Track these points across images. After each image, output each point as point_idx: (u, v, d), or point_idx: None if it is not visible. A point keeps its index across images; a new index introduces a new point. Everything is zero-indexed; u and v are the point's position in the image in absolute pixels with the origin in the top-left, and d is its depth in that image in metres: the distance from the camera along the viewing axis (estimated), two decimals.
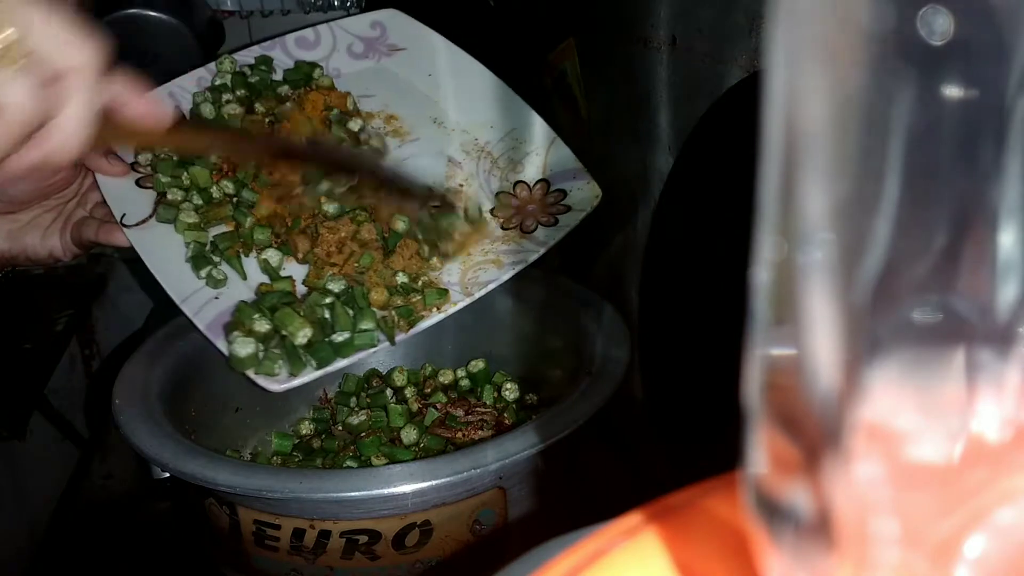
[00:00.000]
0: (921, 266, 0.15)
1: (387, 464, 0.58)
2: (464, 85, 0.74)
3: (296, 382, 0.56)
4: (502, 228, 0.68)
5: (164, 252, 0.62)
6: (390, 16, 0.76)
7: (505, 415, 0.66)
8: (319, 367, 0.57)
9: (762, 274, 0.16)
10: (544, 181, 0.70)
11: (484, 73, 0.73)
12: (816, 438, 0.15)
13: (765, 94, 0.15)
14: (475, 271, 0.65)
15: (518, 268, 0.64)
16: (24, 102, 0.42)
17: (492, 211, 0.69)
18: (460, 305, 0.62)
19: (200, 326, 0.59)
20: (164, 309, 0.63)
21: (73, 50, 0.43)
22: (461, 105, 0.73)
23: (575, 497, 0.60)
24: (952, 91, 0.14)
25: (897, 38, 0.14)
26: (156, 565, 0.67)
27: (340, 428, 0.68)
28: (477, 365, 0.70)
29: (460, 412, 0.66)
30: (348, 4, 1.01)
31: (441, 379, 0.71)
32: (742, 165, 0.19)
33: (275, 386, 0.56)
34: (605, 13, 0.72)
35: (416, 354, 0.74)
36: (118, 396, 0.58)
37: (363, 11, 1.01)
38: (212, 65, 0.71)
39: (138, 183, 0.65)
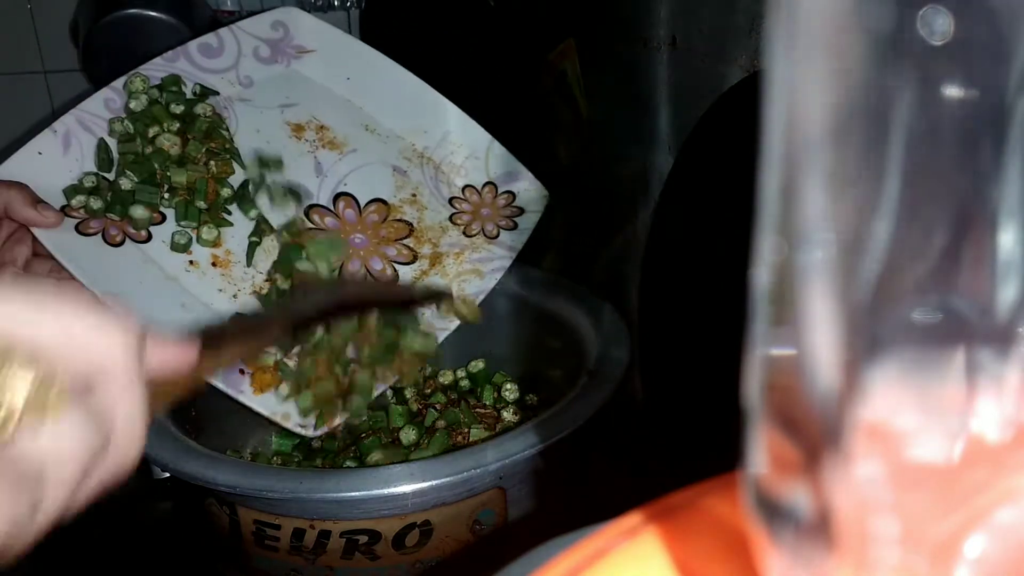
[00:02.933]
0: (921, 266, 0.15)
1: (387, 464, 0.58)
2: (387, 88, 0.71)
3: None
4: (465, 235, 0.68)
5: (145, 304, 0.58)
6: (290, 14, 0.72)
7: (504, 414, 0.66)
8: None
9: (762, 274, 0.16)
10: (491, 184, 0.70)
11: (403, 73, 0.71)
12: (816, 438, 0.15)
13: (765, 94, 0.15)
14: (459, 284, 0.66)
15: (499, 275, 0.66)
16: (76, 446, 0.29)
17: (451, 218, 0.69)
18: (457, 323, 0.63)
19: (219, 385, 0.56)
20: None
21: (104, 346, 0.30)
22: (389, 110, 0.71)
23: (575, 497, 0.60)
24: (952, 91, 0.14)
25: (897, 38, 0.14)
26: (156, 565, 0.67)
27: (340, 428, 0.68)
28: (477, 365, 0.70)
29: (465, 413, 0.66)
30: (348, 4, 1.01)
31: (441, 379, 0.71)
32: (742, 165, 0.19)
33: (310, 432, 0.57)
34: (605, 13, 0.72)
35: None
36: None
37: (362, 12, 1.01)
38: (118, 84, 0.64)
39: (78, 230, 0.59)
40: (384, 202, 0.68)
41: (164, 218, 0.62)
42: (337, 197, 0.67)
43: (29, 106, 1.03)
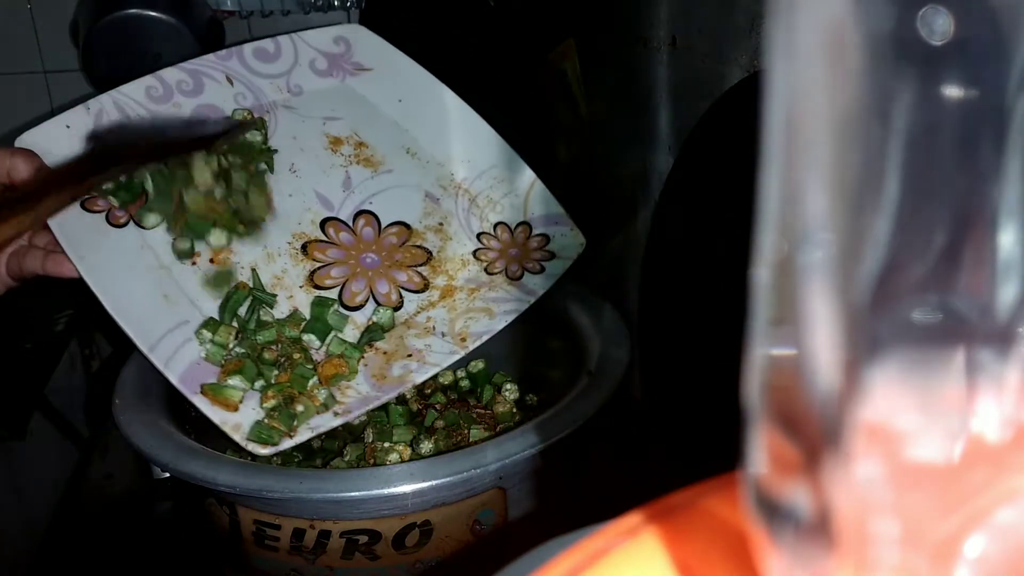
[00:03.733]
0: (921, 266, 0.15)
1: (387, 464, 0.58)
2: (438, 115, 0.70)
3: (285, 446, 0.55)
4: (486, 272, 0.66)
5: (126, 288, 0.57)
6: (355, 32, 0.72)
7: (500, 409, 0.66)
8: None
9: (762, 274, 0.16)
10: (526, 224, 0.67)
11: (459, 104, 0.69)
12: (816, 438, 0.15)
13: (765, 94, 0.15)
14: (466, 320, 0.64)
15: (510, 318, 0.64)
16: None
17: (475, 253, 0.67)
18: (456, 357, 0.62)
19: (173, 379, 0.55)
20: None
21: None
22: (436, 137, 0.70)
23: (575, 497, 0.60)
24: (952, 91, 0.14)
25: (897, 38, 0.14)
26: (156, 565, 0.67)
27: (340, 428, 0.68)
28: (477, 366, 0.70)
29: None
30: (348, 4, 1.01)
31: (441, 379, 0.71)
32: (742, 165, 0.19)
33: (265, 451, 0.55)
34: (605, 13, 0.72)
35: None
36: (118, 396, 0.58)
37: (362, 12, 1.01)
38: (165, 75, 0.64)
39: (84, 205, 0.58)
40: (407, 226, 0.66)
41: None
42: (359, 214, 0.66)
43: (29, 106, 1.03)
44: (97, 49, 0.92)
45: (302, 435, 0.56)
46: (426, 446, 0.60)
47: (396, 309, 0.64)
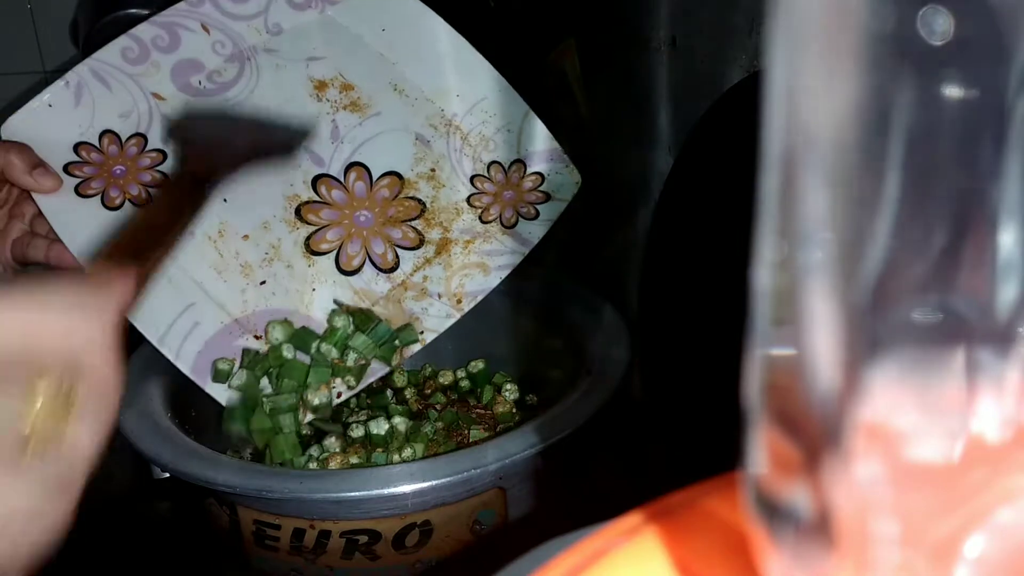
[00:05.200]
0: (921, 266, 0.15)
1: (387, 464, 0.58)
2: (424, 43, 0.66)
3: None
4: (481, 221, 0.65)
5: None
6: None
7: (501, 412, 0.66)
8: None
9: (762, 274, 0.16)
10: (520, 162, 0.65)
11: (445, 28, 0.65)
12: (816, 438, 0.15)
13: (765, 94, 0.15)
14: (461, 278, 0.64)
15: (505, 273, 0.63)
16: (92, 436, 0.31)
17: (469, 200, 0.65)
18: (451, 321, 0.62)
19: (185, 370, 0.56)
20: None
21: (87, 333, 0.32)
22: (423, 68, 0.66)
23: (575, 497, 0.60)
24: (952, 91, 0.14)
25: (897, 38, 0.14)
26: (156, 565, 0.67)
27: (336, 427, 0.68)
28: (477, 366, 0.70)
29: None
30: None
31: (441, 380, 0.71)
32: (742, 165, 0.19)
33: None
34: (605, 13, 0.72)
35: (416, 355, 0.74)
36: None
37: None
38: (138, 33, 0.61)
39: (78, 191, 0.58)
40: (399, 176, 0.65)
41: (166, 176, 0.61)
42: (350, 167, 0.64)
43: None
44: (97, 49, 0.92)
45: (306, 416, 0.58)
46: (427, 428, 0.61)
47: (392, 270, 0.64)
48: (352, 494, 0.49)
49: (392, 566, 0.52)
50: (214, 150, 0.58)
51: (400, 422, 0.62)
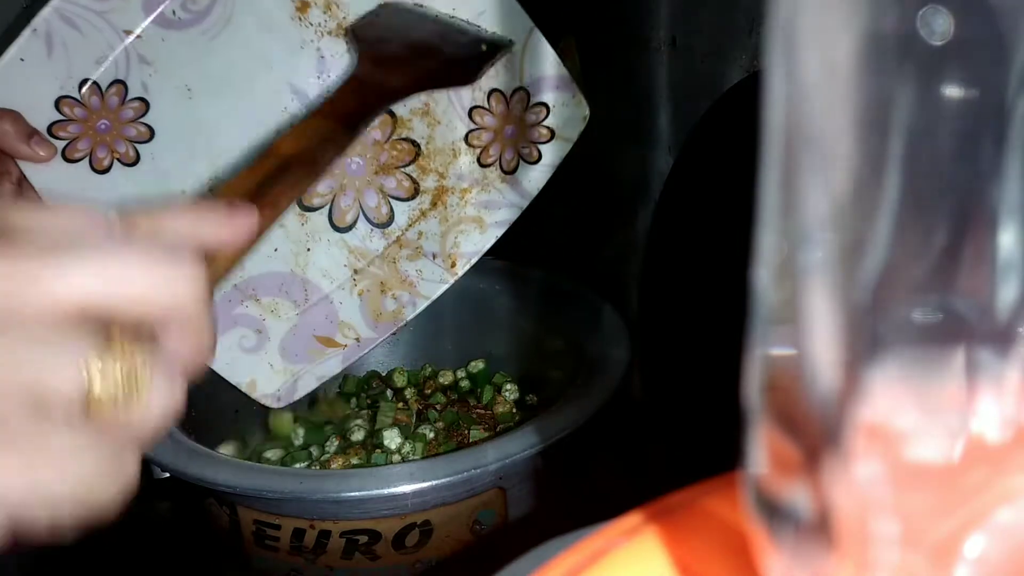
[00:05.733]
0: (921, 266, 0.15)
1: (387, 464, 0.58)
2: None
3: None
4: (479, 164, 0.60)
5: None
6: None
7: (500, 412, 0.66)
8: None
9: (762, 274, 0.16)
10: (523, 91, 0.58)
11: None
12: (816, 438, 0.15)
13: (765, 94, 0.15)
14: (456, 235, 0.60)
15: (501, 230, 0.59)
16: (165, 404, 0.26)
17: (467, 138, 0.59)
18: (445, 286, 0.60)
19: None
20: None
21: (179, 294, 0.26)
22: None
23: (575, 497, 0.60)
24: (952, 91, 0.14)
25: (897, 38, 0.14)
26: (156, 565, 0.67)
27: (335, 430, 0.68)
28: (477, 366, 0.70)
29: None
30: None
31: (441, 380, 0.71)
32: (742, 165, 0.19)
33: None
34: (605, 13, 0.72)
35: (416, 355, 0.74)
36: None
37: None
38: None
39: (65, 156, 0.55)
40: (391, 113, 0.59)
41: (152, 134, 0.58)
42: None
43: None
44: None
45: (308, 384, 0.57)
46: (426, 431, 0.61)
47: (387, 224, 0.61)
48: (352, 494, 0.49)
49: (392, 566, 0.52)
50: (393, 60, 0.52)
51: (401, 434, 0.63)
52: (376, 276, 0.62)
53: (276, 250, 0.61)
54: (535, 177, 0.59)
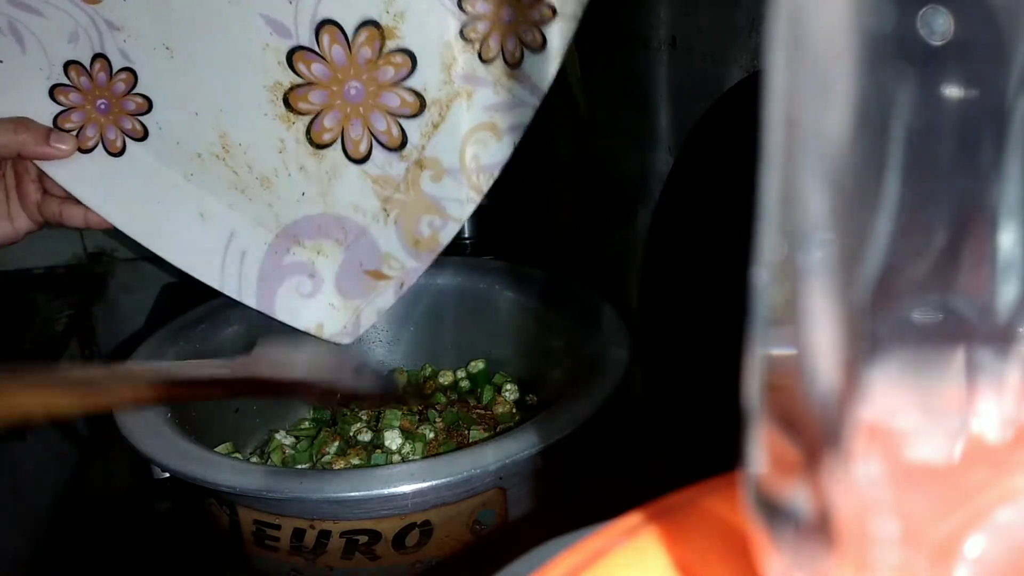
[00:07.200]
0: (921, 266, 0.15)
1: (387, 464, 0.58)
2: None
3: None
4: (481, 60, 0.56)
5: (162, 225, 0.58)
6: None
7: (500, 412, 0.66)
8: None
9: (762, 274, 0.16)
10: None
11: None
12: (816, 438, 0.15)
13: (765, 94, 0.15)
14: (474, 146, 0.58)
15: (518, 136, 0.57)
16: None
17: (462, 33, 0.55)
18: (472, 206, 0.59)
19: (252, 304, 0.58)
20: (168, 301, 0.63)
21: None
22: None
23: (575, 497, 0.60)
24: (952, 91, 0.14)
25: (897, 38, 0.14)
26: (156, 565, 0.67)
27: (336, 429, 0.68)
28: (477, 366, 0.70)
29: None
30: None
31: (441, 380, 0.71)
32: (742, 165, 0.19)
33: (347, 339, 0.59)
34: (605, 13, 0.72)
35: (416, 355, 0.74)
36: None
37: None
38: None
39: (79, 148, 0.57)
40: (375, 24, 0.55)
41: (151, 104, 0.58)
42: (319, 28, 0.55)
43: None
44: None
45: (371, 318, 0.60)
46: (427, 430, 0.61)
47: (402, 146, 0.59)
48: (352, 494, 0.49)
49: (392, 566, 0.52)
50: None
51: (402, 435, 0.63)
52: (404, 202, 0.61)
53: (303, 194, 0.61)
54: (543, 68, 0.55)
